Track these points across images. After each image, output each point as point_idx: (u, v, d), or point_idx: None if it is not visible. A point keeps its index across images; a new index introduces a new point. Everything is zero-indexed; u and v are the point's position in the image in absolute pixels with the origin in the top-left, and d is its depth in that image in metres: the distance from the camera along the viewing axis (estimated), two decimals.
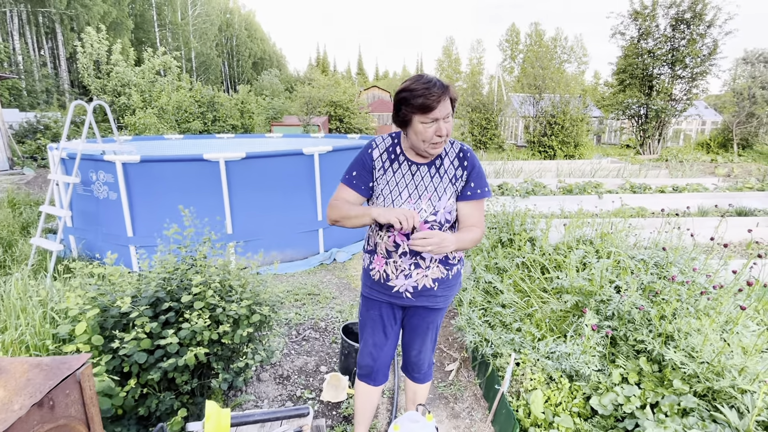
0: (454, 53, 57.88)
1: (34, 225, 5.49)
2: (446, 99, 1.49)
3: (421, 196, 1.63)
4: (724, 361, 2.03)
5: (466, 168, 1.64)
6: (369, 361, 1.91)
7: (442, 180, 1.63)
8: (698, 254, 2.91)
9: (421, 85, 1.47)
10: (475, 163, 1.65)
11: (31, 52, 27.89)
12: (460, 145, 1.68)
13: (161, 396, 2.09)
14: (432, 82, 1.48)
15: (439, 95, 1.46)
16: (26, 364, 1.04)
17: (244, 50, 52.01)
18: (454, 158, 1.65)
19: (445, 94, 1.48)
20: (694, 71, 16.44)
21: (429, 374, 2.04)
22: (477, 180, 1.64)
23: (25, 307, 2.50)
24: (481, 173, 1.66)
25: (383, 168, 1.67)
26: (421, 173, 1.64)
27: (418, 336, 1.88)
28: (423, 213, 1.61)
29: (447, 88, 1.49)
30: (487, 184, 1.67)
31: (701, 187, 8.69)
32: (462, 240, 1.58)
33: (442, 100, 1.47)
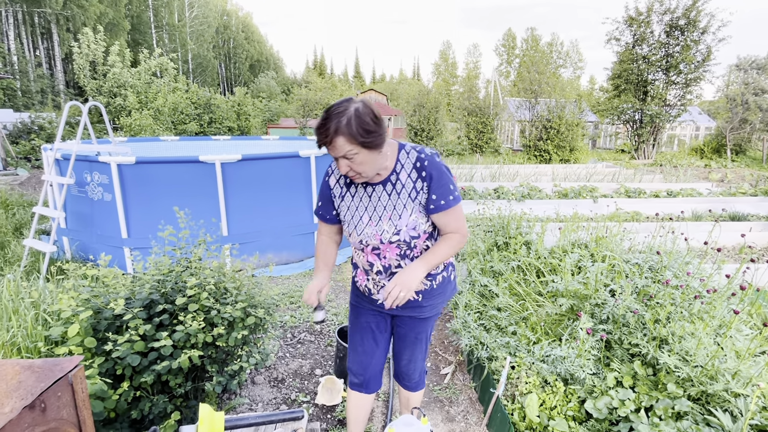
0: (450, 57, 58.16)
1: (28, 226, 5.45)
2: (340, 139, 1.34)
3: (381, 217, 1.55)
4: (718, 364, 2.04)
5: (425, 179, 1.51)
6: (360, 369, 1.88)
7: (400, 197, 1.53)
8: (692, 258, 2.92)
9: (320, 120, 1.37)
10: (433, 172, 1.50)
11: (27, 53, 27.75)
12: (416, 154, 1.53)
13: (154, 399, 2.07)
14: (327, 119, 1.34)
15: (324, 137, 1.35)
16: (18, 366, 1.03)
17: (241, 52, 52.00)
18: (411, 170, 1.53)
19: (337, 135, 1.33)
20: (688, 77, 16.60)
21: (421, 383, 2.00)
22: (439, 190, 1.50)
23: (17, 309, 2.48)
24: (443, 181, 1.51)
25: (341, 195, 1.63)
26: (377, 193, 1.56)
27: (407, 346, 1.84)
28: (386, 234, 1.55)
29: (338, 129, 1.32)
30: (452, 191, 1.52)
31: (695, 191, 8.76)
32: (433, 258, 1.54)
33: (333, 140, 1.34)
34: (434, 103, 18.18)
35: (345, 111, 1.33)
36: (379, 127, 1.38)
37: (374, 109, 1.38)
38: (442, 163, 1.55)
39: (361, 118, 1.34)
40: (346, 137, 1.33)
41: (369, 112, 1.36)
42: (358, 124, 1.33)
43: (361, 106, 1.35)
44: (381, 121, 1.39)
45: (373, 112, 1.37)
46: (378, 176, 1.54)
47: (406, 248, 1.58)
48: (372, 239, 1.58)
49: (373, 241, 1.58)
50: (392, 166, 1.54)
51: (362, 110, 1.35)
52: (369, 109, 1.37)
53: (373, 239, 1.58)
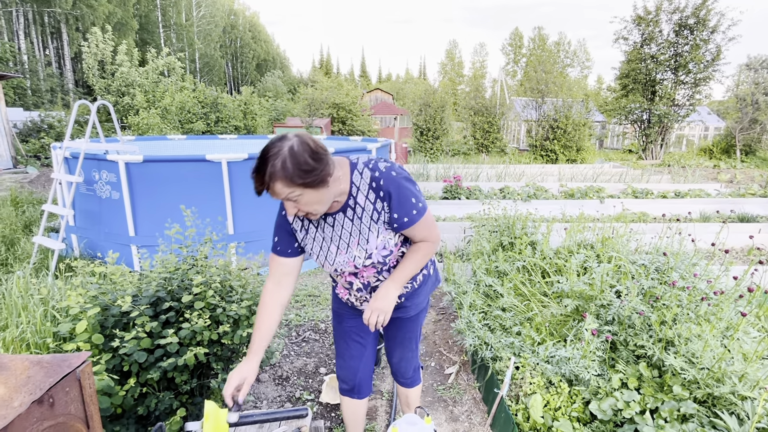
0: (457, 56, 57.97)
1: (37, 223, 5.51)
2: (277, 184, 1.23)
3: (350, 244, 1.49)
4: (725, 367, 2.03)
5: (384, 198, 1.41)
6: (349, 374, 1.86)
7: (362, 221, 1.45)
8: (699, 260, 2.90)
9: (255, 163, 1.24)
10: (391, 189, 1.40)
11: (37, 52, 28.05)
12: (370, 173, 1.42)
13: (160, 395, 2.09)
14: (261, 163, 1.22)
15: (260, 184, 1.24)
16: (27, 361, 1.05)
17: (247, 52, 52.22)
18: (368, 191, 1.42)
19: (273, 181, 1.22)
20: (697, 77, 16.44)
21: (416, 379, 2.00)
22: (400, 209, 1.41)
23: (27, 305, 2.51)
24: (403, 197, 1.41)
25: (303, 228, 1.54)
26: (339, 221, 1.48)
27: (397, 345, 1.85)
28: (358, 260, 1.51)
29: (273, 174, 1.21)
30: (414, 205, 1.43)
31: (703, 192, 8.67)
32: (403, 274, 1.50)
33: (270, 186, 1.24)
34: (440, 102, 18.15)
35: (279, 152, 1.20)
36: (319, 163, 1.24)
37: (312, 143, 1.25)
38: (400, 176, 1.43)
39: (297, 157, 1.20)
40: (284, 181, 1.22)
41: (306, 148, 1.23)
42: (294, 165, 1.20)
43: (296, 144, 1.22)
44: (321, 155, 1.26)
45: (311, 147, 1.24)
46: (336, 203, 1.44)
47: (382, 266, 1.55)
48: (346, 266, 1.54)
49: (348, 268, 1.55)
50: (348, 189, 1.43)
51: (297, 148, 1.21)
52: (305, 145, 1.23)
53: (347, 266, 1.54)
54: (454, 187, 8.00)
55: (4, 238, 4.71)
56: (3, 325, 2.40)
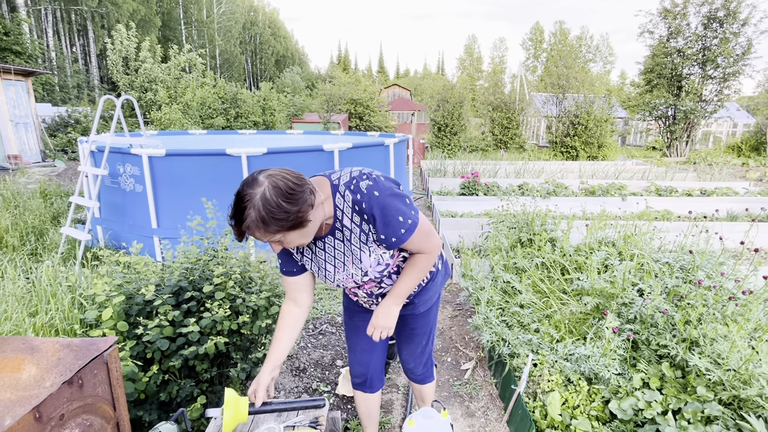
0: (476, 51, 57.31)
1: (64, 215, 5.69)
2: (256, 233, 1.21)
3: (345, 263, 1.48)
4: (752, 369, 1.96)
5: (369, 221, 1.36)
6: (361, 369, 1.87)
7: (352, 243, 1.42)
8: (727, 259, 2.81)
9: (231, 209, 1.21)
10: (375, 210, 1.33)
11: (64, 49, 28.85)
12: (351, 196, 1.34)
13: (182, 383, 2.15)
14: (236, 212, 1.19)
15: (239, 234, 1.22)
16: (57, 344, 1.09)
17: (267, 48, 52.66)
18: (352, 214, 1.37)
19: (250, 232, 1.20)
20: (726, 71, 15.87)
21: (428, 376, 1.99)
22: (387, 229, 1.35)
23: (55, 293, 2.60)
24: (388, 218, 1.34)
25: (299, 251, 1.53)
26: (330, 243, 1.46)
27: (404, 341, 1.85)
28: (356, 277, 1.51)
29: (249, 227, 1.18)
30: (402, 223, 1.35)
31: (731, 191, 8.39)
32: (403, 290, 1.50)
33: (250, 234, 1.22)
34: (458, 98, 17.98)
35: (250, 201, 1.16)
36: (294, 205, 1.18)
37: (283, 184, 1.18)
38: (383, 194, 1.34)
39: (269, 205, 1.16)
40: (260, 231, 1.19)
41: (278, 192, 1.16)
42: (268, 214, 1.16)
43: (267, 189, 1.16)
44: (297, 194, 1.19)
45: (283, 189, 1.17)
46: (326, 225, 1.42)
47: (381, 278, 1.55)
48: (347, 282, 1.55)
49: (349, 283, 1.56)
50: (332, 212, 1.38)
51: (269, 195, 1.16)
52: (277, 189, 1.17)
53: (347, 282, 1.55)
54: (472, 183, 7.94)
55: (34, 228, 4.88)
56: (33, 311, 2.49)
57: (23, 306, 2.48)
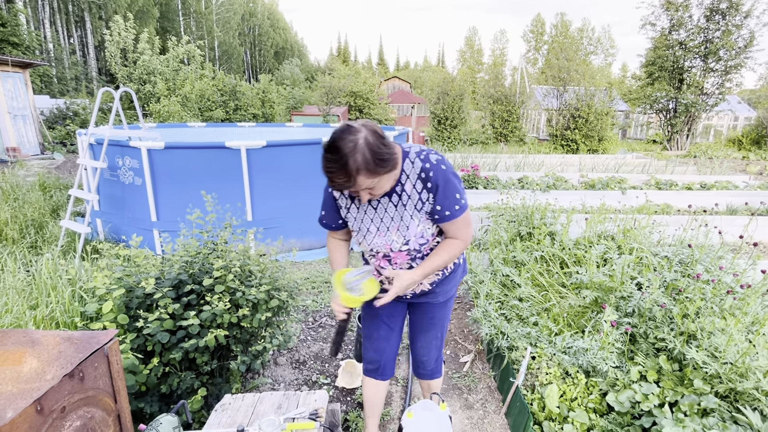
0: (476, 44, 56.90)
1: (64, 208, 5.68)
2: (361, 177, 1.27)
3: (389, 228, 1.53)
4: (749, 362, 1.98)
5: (431, 190, 1.44)
6: (376, 355, 1.90)
7: (406, 208, 1.48)
8: (726, 253, 2.82)
9: (329, 161, 1.25)
10: (439, 181, 1.42)
11: (61, 40, 28.64)
12: (421, 164, 1.44)
13: (182, 375, 2.16)
14: (338, 159, 1.23)
15: (345, 180, 1.27)
16: (58, 337, 1.09)
17: (266, 40, 52.27)
18: (416, 180, 1.45)
19: (358, 175, 1.26)
20: (728, 64, 15.79)
21: (437, 371, 2.00)
22: (445, 201, 1.44)
23: (55, 286, 2.60)
24: (449, 191, 1.44)
25: (346, 206, 1.58)
26: (383, 205, 1.51)
27: (420, 331, 1.87)
28: (395, 244, 1.55)
29: (358, 169, 1.24)
30: (458, 201, 1.45)
31: (731, 184, 8.39)
32: (430, 267, 1.53)
33: (355, 181, 1.28)
34: (459, 90, 17.90)
35: (356, 146, 1.22)
36: (391, 149, 1.30)
37: (379, 130, 1.29)
38: (448, 170, 1.46)
39: (373, 148, 1.24)
40: (367, 173, 1.26)
41: (377, 137, 1.26)
42: (374, 156, 1.24)
43: (368, 135, 1.25)
44: (388, 141, 1.31)
45: (380, 134, 1.29)
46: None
47: (416, 253, 1.59)
48: (381, 248, 1.59)
49: (383, 249, 1.60)
50: (398, 175, 1.46)
51: (371, 139, 1.24)
52: (376, 134, 1.27)
53: (382, 248, 1.59)
54: (472, 177, 7.93)
55: (33, 221, 4.88)
56: (34, 304, 2.50)
57: (24, 299, 2.48)
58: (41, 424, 0.90)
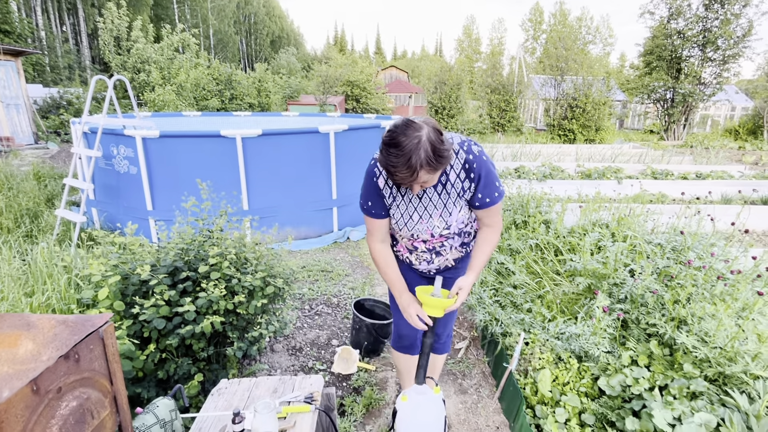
0: (474, 33, 56.42)
1: (59, 197, 5.66)
2: (422, 173, 1.33)
3: (432, 214, 1.61)
4: (738, 346, 2.01)
5: (473, 180, 1.54)
6: (409, 331, 1.97)
7: (450, 196, 1.58)
8: (718, 240, 2.85)
9: (392, 156, 1.30)
10: (482, 172, 1.53)
11: (54, 28, 28.22)
12: (465, 155, 1.53)
13: (179, 361, 2.18)
14: (403, 155, 1.28)
15: (409, 176, 1.33)
16: (53, 320, 1.10)
17: (262, 28, 51.67)
18: (460, 170, 1.54)
19: (421, 170, 1.32)
20: (726, 53, 15.76)
21: (447, 345, 2.12)
22: (485, 190, 1.55)
23: (51, 274, 2.61)
24: (489, 180, 1.55)
25: (392, 196, 1.63)
26: (428, 194, 1.59)
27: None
28: (437, 229, 1.64)
29: (421, 165, 1.30)
30: (497, 189, 1.58)
31: (726, 174, 8.43)
32: (478, 265, 1.63)
33: (417, 177, 1.34)
34: (456, 80, 17.81)
35: (419, 144, 1.28)
36: (448, 148, 1.36)
37: (437, 126, 1.35)
38: (488, 160, 1.56)
39: (436, 146, 1.30)
40: (428, 169, 1.32)
41: (437, 134, 1.33)
42: (436, 153, 1.31)
43: (430, 132, 1.31)
44: (445, 138, 1.36)
45: (440, 131, 1.34)
46: None
47: (455, 235, 1.69)
48: (423, 234, 1.67)
49: (424, 235, 1.67)
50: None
51: (434, 136, 1.31)
52: (436, 132, 1.33)
53: (424, 234, 1.67)
54: None
55: (28, 210, 4.86)
56: (30, 291, 2.50)
57: (19, 287, 2.49)
58: (37, 404, 0.92)
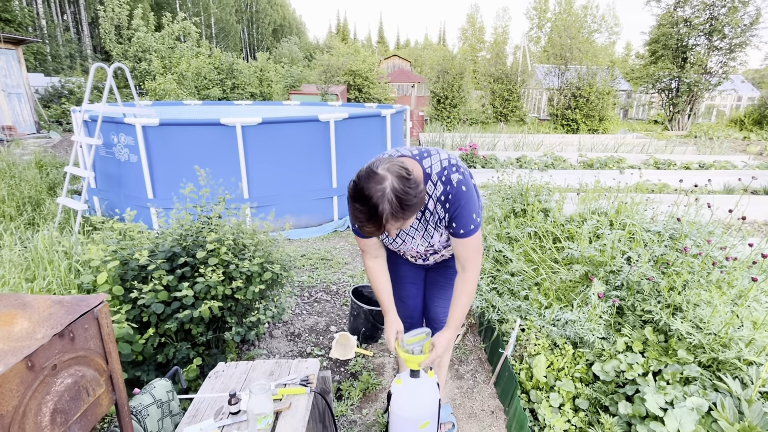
0: (478, 21, 55.75)
1: (60, 185, 5.68)
2: (390, 225, 1.27)
3: (414, 236, 1.63)
4: (732, 333, 2.02)
5: (449, 210, 1.49)
6: (408, 312, 2.03)
7: (429, 223, 1.57)
8: (716, 228, 2.84)
9: (357, 211, 1.25)
10: (459, 204, 1.47)
11: (54, 17, 28.06)
12: (443, 187, 1.46)
13: (178, 346, 2.21)
14: (366, 211, 1.23)
15: (377, 230, 1.28)
16: (49, 300, 1.12)
17: (263, 17, 51.19)
18: (436, 201, 1.50)
19: (387, 224, 1.26)
20: (732, 42, 15.55)
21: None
22: (460, 221, 1.49)
23: (52, 260, 2.64)
24: (466, 212, 1.48)
25: None
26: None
27: (439, 289, 1.97)
28: (420, 247, 1.68)
29: (387, 220, 1.24)
30: (473, 221, 1.50)
31: (729, 164, 8.37)
32: (457, 318, 1.62)
33: (382, 230, 1.29)
34: (459, 69, 17.64)
35: (383, 196, 1.21)
36: (416, 189, 1.27)
37: (404, 172, 1.25)
38: (468, 189, 1.48)
39: (400, 195, 1.22)
40: (396, 220, 1.26)
41: (403, 181, 1.24)
42: (402, 203, 1.23)
43: (394, 181, 1.22)
44: (415, 181, 1.27)
45: (406, 176, 1.25)
46: None
47: (441, 248, 1.72)
48: (408, 252, 1.75)
49: (410, 252, 1.75)
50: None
51: (398, 185, 1.22)
52: (403, 180, 1.24)
53: (409, 252, 1.74)
54: (470, 156, 7.90)
55: (30, 198, 4.89)
56: (31, 276, 2.53)
57: (21, 272, 2.52)
58: (32, 380, 0.94)
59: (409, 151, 1.53)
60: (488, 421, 2.22)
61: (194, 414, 1.51)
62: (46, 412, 0.95)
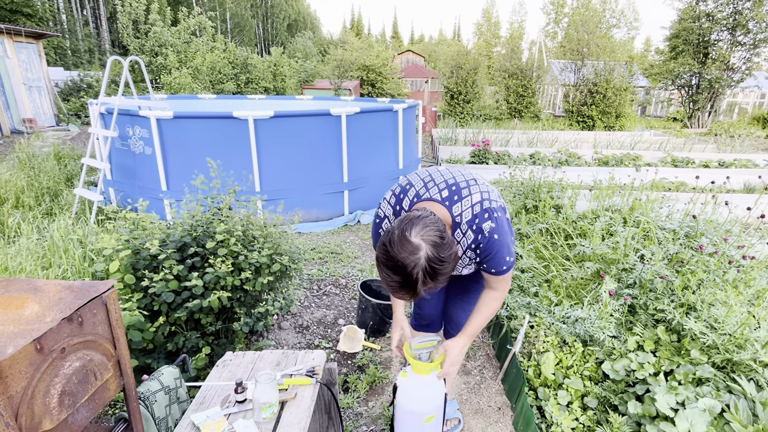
0: (494, 16, 55.06)
1: (78, 177, 5.80)
2: (424, 290, 1.23)
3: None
4: (748, 333, 1.97)
5: (479, 256, 1.48)
6: (430, 311, 2.03)
7: (458, 265, 1.52)
8: (733, 226, 2.77)
9: (389, 280, 1.22)
10: (492, 251, 1.43)
11: (74, 12, 28.55)
12: (473, 235, 1.43)
13: (188, 335, 2.24)
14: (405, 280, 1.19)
15: (411, 297, 1.25)
16: (59, 285, 1.14)
17: (278, 12, 51.34)
18: (466, 249, 1.48)
19: (423, 289, 1.22)
20: (757, 37, 15.08)
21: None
22: (492, 264, 1.47)
23: (67, 249, 2.69)
24: (498, 258, 1.45)
25: None
26: None
27: (461, 293, 1.96)
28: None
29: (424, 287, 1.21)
30: (507, 263, 1.47)
31: (751, 163, 8.15)
32: (476, 330, 1.60)
33: (416, 297, 1.25)
34: (473, 64, 17.46)
35: (417, 266, 1.17)
36: (450, 253, 1.22)
37: (438, 240, 1.20)
38: (501, 237, 1.42)
39: (434, 264, 1.18)
40: (431, 286, 1.23)
41: (437, 250, 1.19)
42: (437, 272, 1.19)
43: (428, 251, 1.18)
44: (448, 245, 1.22)
45: (439, 245, 1.19)
46: None
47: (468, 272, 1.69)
48: None
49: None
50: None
51: (431, 254, 1.18)
52: (437, 247, 1.19)
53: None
54: (482, 152, 7.84)
55: (48, 189, 5.00)
56: (47, 264, 2.59)
57: (36, 260, 2.57)
58: (41, 362, 0.96)
59: (438, 191, 1.44)
60: (495, 418, 2.21)
61: (201, 401, 1.53)
62: (54, 393, 0.97)
